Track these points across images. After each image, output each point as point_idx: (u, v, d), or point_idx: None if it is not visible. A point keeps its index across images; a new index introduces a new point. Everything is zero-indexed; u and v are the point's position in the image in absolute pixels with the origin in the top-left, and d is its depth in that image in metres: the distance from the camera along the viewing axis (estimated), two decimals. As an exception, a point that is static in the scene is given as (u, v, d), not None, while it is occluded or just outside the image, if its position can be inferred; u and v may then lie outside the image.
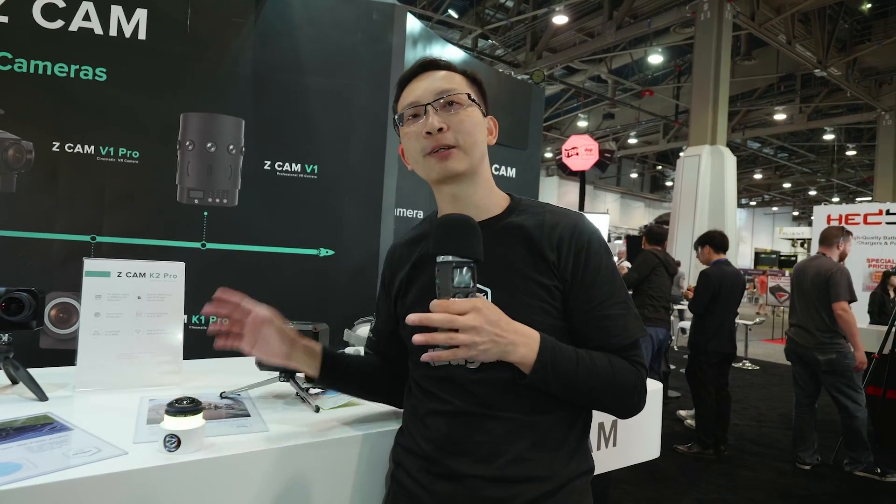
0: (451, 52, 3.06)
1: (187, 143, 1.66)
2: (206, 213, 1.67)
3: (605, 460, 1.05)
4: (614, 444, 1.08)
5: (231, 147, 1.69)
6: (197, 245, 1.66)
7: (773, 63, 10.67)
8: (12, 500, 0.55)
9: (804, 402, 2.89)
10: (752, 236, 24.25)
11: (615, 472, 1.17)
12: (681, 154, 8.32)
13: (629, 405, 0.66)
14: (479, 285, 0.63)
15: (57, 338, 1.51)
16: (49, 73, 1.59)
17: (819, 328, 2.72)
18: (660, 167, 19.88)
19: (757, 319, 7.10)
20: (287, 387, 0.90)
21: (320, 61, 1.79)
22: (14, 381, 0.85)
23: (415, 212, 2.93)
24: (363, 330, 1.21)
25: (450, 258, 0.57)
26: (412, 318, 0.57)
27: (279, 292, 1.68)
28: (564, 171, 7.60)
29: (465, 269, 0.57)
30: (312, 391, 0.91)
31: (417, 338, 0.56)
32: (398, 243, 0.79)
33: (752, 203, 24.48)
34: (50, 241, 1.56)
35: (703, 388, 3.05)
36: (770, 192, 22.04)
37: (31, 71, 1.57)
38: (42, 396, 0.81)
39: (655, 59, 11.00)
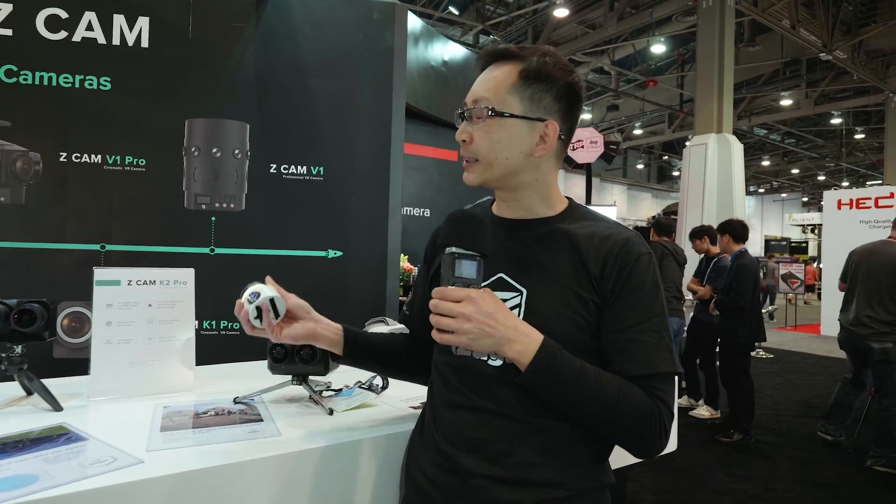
0: (453, 50, 3.04)
1: (193, 150, 1.66)
2: (213, 219, 1.67)
3: (622, 455, 1.03)
4: (632, 440, 1.06)
5: (236, 151, 1.69)
6: (205, 250, 1.66)
7: (777, 48, 10.48)
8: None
9: (849, 389, 2.85)
10: (761, 224, 23.92)
11: (632, 465, 1.15)
12: (687, 143, 8.21)
13: (639, 438, 0.60)
14: (515, 283, 0.64)
15: (70, 347, 1.52)
16: (54, 83, 1.59)
17: (884, 317, 2.59)
18: (666, 157, 19.68)
19: (770, 308, 6.99)
20: (300, 390, 0.89)
21: (323, 63, 1.78)
22: (29, 393, 0.85)
23: (422, 210, 2.92)
24: (375, 329, 1.20)
25: (454, 250, 0.58)
26: None
27: (289, 295, 1.68)
28: (570, 165, 7.53)
29: (466, 262, 0.58)
30: (325, 394, 0.90)
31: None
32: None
33: (761, 190, 24.15)
34: (60, 252, 1.57)
35: (745, 376, 3.06)
36: (778, 178, 21.70)
37: (37, 82, 1.58)
38: (57, 407, 0.80)
39: (658, 48, 10.85)
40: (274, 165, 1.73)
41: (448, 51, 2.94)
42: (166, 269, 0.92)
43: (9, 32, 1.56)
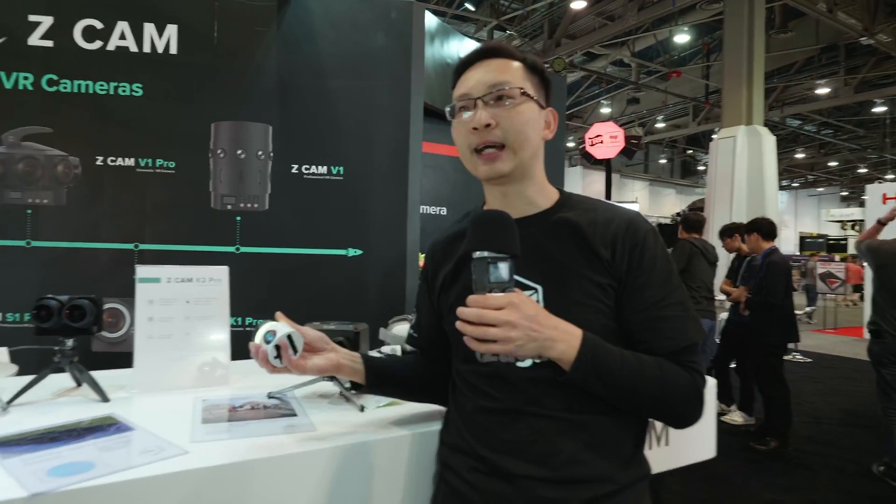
0: (469, 47, 3.06)
1: (219, 151, 1.74)
2: (238, 218, 1.74)
3: (658, 460, 1.02)
4: (667, 444, 1.05)
5: (260, 153, 1.75)
6: (231, 249, 1.73)
7: (812, 34, 10.08)
8: (88, 497, 0.59)
9: None
10: (795, 220, 23.07)
11: (665, 473, 1.14)
12: (713, 136, 8.00)
13: (682, 414, 0.63)
14: (528, 282, 0.64)
15: (107, 342, 1.61)
16: (91, 91, 1.69)
17: None
18: (690, 151, 19.18)
19: (806, 309, 6.74)
20: (330, 386, 0.92)
21: (342, 63, 1.83)
22: (78, 384, 0.92)
23: (438, 209, 2.94)
24: (399, 328, 1.23)
25: (485, 254, 0.57)
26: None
27: (310, 293, 1.75)
28: (589, 161, 7.45)
29: (501, 265, 0.57)
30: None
31: (458, 325, 0.57)
32: (439, 239, 0.79)
33: (795, 185, 23.28)
34: (97, 250, 1.67)
35: (779, 379, 2.98)
36: (814, 171, 20.86)
37: (75, 90, 1.68)
38: (104, 398, 0.86)
39: (682, 38, 10.59)
40: (295, 166, 1.79)
41: (464, 48, 2.97)
42: (202, 267, 0.97)
43: (50, 44, 1.67)
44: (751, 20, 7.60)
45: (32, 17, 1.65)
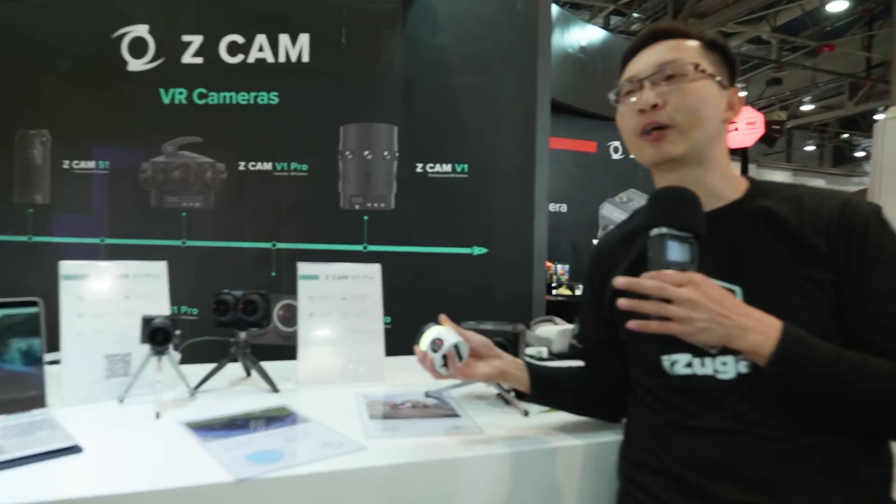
0: (591, 34, 2.92)
1: (347, 153, 1.85)
2: (366, 218, 1.83)
3: None
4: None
5: (386, 153, 1.83)
6: (359, 248, 1.83)
7: None
8: (282, 486, 0.62)
9: None
10: None
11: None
12: (878, 117, 6.65)
13: None
14: (725, 284, 0.58)
15: (282, 335, 1.81)
16: (234, 101, 1.92)
17: None
18: (846, 135, 16.33)
19: None
20: (487, 388, 0.91)
21: (466, 59, 1.84)
22: (248, 374, 1.00)
23: (558, 205, 2.83)
24: (542, 329, 1.19)
25: (664, 230, 0.54)
26: (619, 281, 0.55)
27: (436, 291, 1.76)
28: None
29: (681, 243, 0.54)
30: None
31: (622, 302, 0.55)
32: (607, 242, 0.77)
33: None
34: (241, 249, 1.88)
35: None
36: None
37: (221, 102, 1.92)
38: (275, 388, 0.93)
39: (836, 6, 9.06)
40: (420, 165, 1.84)
41: (586, 35, 2.83)
42: (357, 265, 1.02)
43: (200, 60, 1.93)
44: (945, -33, 6.19)
45: (185, 38, 1.93)
